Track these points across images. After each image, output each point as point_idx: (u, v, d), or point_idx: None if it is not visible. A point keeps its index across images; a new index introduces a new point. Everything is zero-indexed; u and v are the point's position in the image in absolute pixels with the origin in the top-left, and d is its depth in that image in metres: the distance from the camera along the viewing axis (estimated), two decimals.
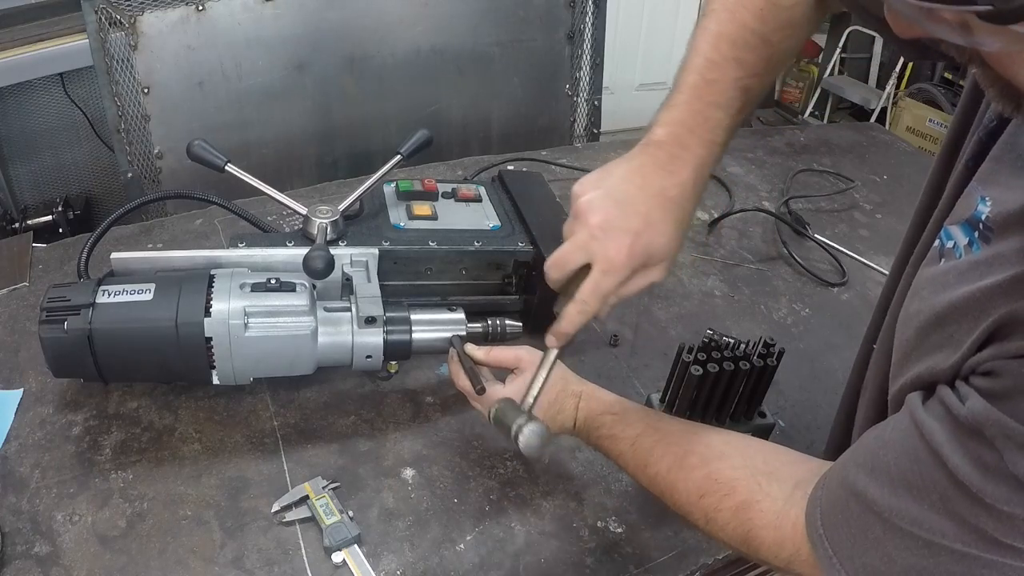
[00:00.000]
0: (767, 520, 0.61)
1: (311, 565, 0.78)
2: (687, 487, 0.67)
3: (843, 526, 0.54)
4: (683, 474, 0.68)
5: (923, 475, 0.48)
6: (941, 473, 0.47)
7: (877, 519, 0.51)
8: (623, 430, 0.76)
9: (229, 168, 1.01)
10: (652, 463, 0.71)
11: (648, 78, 3.93)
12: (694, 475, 0.67)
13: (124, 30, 1.52)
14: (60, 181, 2.02)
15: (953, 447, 0.46)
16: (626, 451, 0.75)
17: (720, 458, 0.67)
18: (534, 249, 1.06)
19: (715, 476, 0.66)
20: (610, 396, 0.83)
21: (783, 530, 0.59)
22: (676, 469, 0.69)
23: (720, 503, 0.64)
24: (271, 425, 0.94)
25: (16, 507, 0.81)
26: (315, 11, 1.68)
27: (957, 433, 0.47)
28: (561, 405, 0.82)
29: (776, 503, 0.61)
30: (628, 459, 0.75)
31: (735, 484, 0.64)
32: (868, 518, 0.52)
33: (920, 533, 0.48)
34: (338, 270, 0.95)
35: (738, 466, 0.65)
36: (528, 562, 0.81)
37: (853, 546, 0.53)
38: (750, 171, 1.65)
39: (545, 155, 1.61)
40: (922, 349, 0.54)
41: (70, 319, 0.82)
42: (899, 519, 0.49)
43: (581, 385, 0.84)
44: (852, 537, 0.53)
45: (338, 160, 1.85)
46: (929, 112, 3.71)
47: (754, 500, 0.62)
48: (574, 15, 1.92)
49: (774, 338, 0.91)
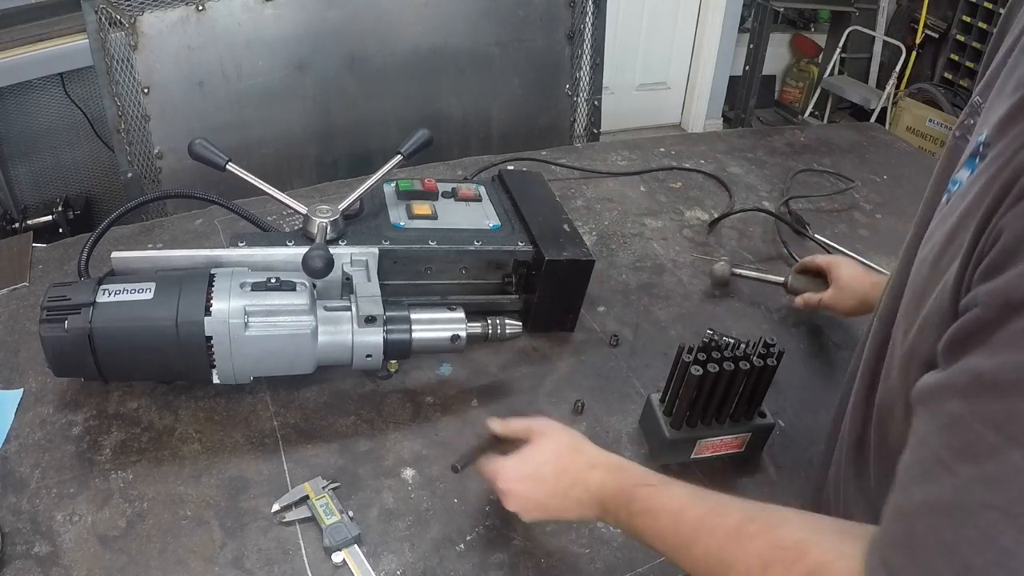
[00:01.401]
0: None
1: (311, 565, 0.78)
2: (747, 559, 0.57)
3: (898, 550, 0.47)
4: (741, 546, 0.58)
5: (966, 423, 0.43)
6: (975, 404, 0.42)
7: (924, 522, 0.44)
8: (664, 503, 0.65)
9: (230, 167, 1.02)
10: (701, 538, 0.60)
11: (648, 78, 3.94)
12: (755, 545, 0.57)
13: (124, 30, 1.53)
14: (60, 181, 2.03)
15: (978, 363, 0.43)
16: (667, 527, 0.64)
17: (783, 523, 0.58)
18: (534, 249, 1.06)
19: (780, 543, 0.56)
20: (640, 467, 0.72)
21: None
22: (732, 542, 0.58)
23: (788, 571, 0.54)
24: (271, 425, 0.94)
25: (16, 507, 0.81)
26: (315, 11, 1.69)
27: (983, 349, 0.43)
28: (575, 477, 0.72)
29: (853, 561, 0.51)
30: (669, 537, 0.63)
31: (805, 547, 0.54)
32: (935, 532, 0.44)
33: (992, 496, 0.41)
34: (338, 269, 0.95)
35: (805, 529, 0.56)
36: (528, 562, 0.81)
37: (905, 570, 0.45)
38: (750, 171, 1.65)
39: (545, 155, 1.61)
40: (934, 278, 0.51)
41: (70, 318, 0.82)
42: (967, 496, 0.43)
43: (601, 454, 0.74)
44: (905, 560, 0.46)
45: (338, 160, 1.85)
46: (929, 112, 3.71)
47: (828, 562, 0.53)
48: (574, 15, 1.92)
49: (774, 338, 0.91)
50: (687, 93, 4.06)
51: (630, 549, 0.83)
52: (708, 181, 1.60)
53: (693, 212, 1.48)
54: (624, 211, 1.46)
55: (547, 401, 1.02)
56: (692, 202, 1.51)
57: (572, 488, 0.73)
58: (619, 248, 1.34)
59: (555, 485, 0.74)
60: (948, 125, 3.52)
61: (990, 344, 0.43)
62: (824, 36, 4.08)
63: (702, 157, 1.69)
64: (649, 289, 1.24)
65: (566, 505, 0.73)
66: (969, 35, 3.68)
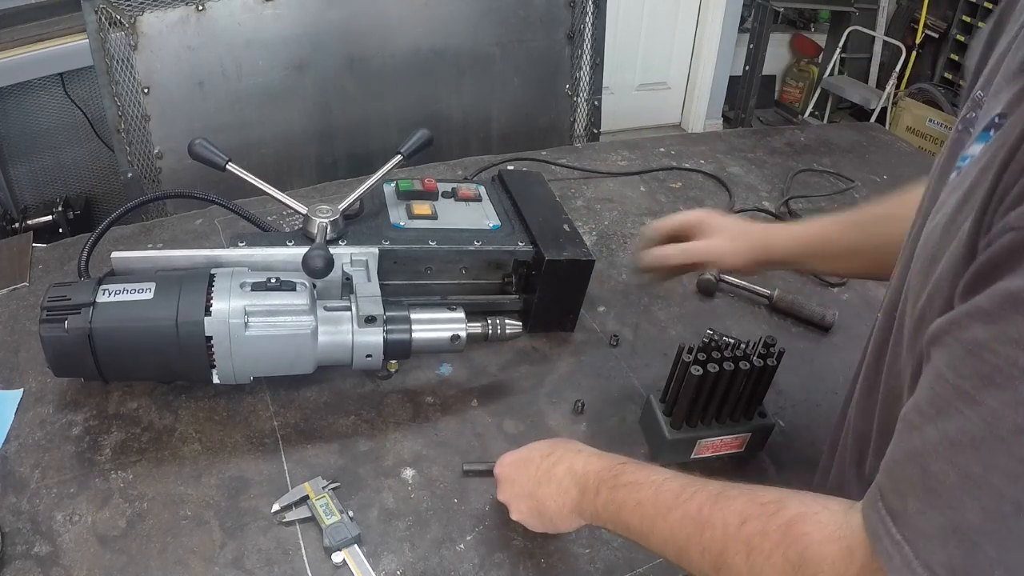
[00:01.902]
0: (828, 532, 0.49)
1: (311, 565, 0.78)
2: (724, 516, 0.55)
3: (909, 495, 0.44)
4: (719, 506, 0.57)
5: (990, 349, 0.40)
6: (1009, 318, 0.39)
7: (944, 459, 0.42)
8: (648, 475, 0.65)
9: (230, 167, 1.01)
10: (681, 503, 0.59)
11: (648, 78, 3.94)
12: (734, 504, 0.56)
13: (124, 30, 1.53)
14: (60, 181, 2.03)
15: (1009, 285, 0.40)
16: (648, 496, 0.63)
17: (762, 488, 0.57)
18: (534, 249, 1.06)
19: (759, 499, 0.55)
20: (611, 455, 0.73)
21: (851, 539, 0.48)
22: (711, 504, 0.57)
23: (767, 525, 0.52)
24: (271, 425, 0.94)
25: (16, 507, 0.81)
26: (315, 11, 1.69)
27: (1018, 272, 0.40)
28: (561, 456, 0.74)
29: (836, 514, 0.50)
30: (648, 506, 0.63)
31: (785, 502, 0.53)
32: (933, 468, 0.42)
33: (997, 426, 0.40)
34: (338, 269, 0.95)
35: (783, 490, 0.56)
36: (528, 562, 0.81)
37: (921, 515, 0.43)
38: (750, 171, 1.65)
39: (545, 155, 1.61)
40: (945, 241, 0.48)
41: (70, 318, 0.82)
42: (998, 423, 0.40)
43: (589, 448, 0.75)
44: (920, 503, 0.43)
45: (338, 160, 1.85)
46: (929, 112, 3.71)
47: (810, 512, 0.51)
48: (574, 15, 1.92)
49: (774, 338, 0.91)
50: (687, 93, 4.06)
51: (630, 549, 0.83)
52: (708, 181, 1.60)
53: None
54: (624, 211, 1.46)
55: (547, 401, 1.02)
56: (692, 202, 1.51)
57: (557, 465, 0.73)
58: (619, 248, 1.34)
59: (540, 464, 0.75)
60: (948, 125, 3.53)
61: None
62: (824, 36, 4.08)
63: (702, 157, 1.69)
64: (649, 289, 1.24)
65: (550, 492, 0.73)
66: (969, 35, 3.68)
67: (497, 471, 0.80)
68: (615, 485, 0.67)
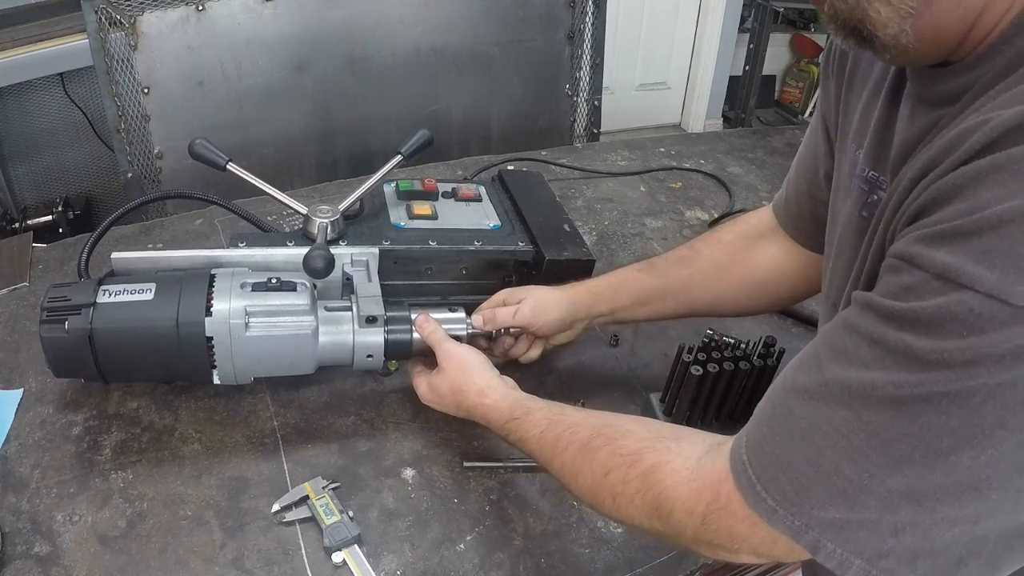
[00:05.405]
0: (680, 477, 0.57)
1: (311, 565, 0.78)
2: (592, 468, 0.64)
3: (768, 442, 0.51)
4: (587, 457, 0.65)
5: (849, 333, 0.49)
6: (867, 317, 0.48)
7: (802, 409, 0.50)
8: (528, 431, 0.74)
9: (230, 167, 1.01)
10: (558, 454, 0.69)
11: (648, 78, 3.94)
12: (599, 455, 0.64)
13: (124, 30, 1.52)
14: (60, 181, 2.03)
15: (879, 292, 0.48)
16: (534, 450, 0.73)
17: (626, 435, 0.64)
18: (534, 249, 1.06)
19: (619, 451, 0.63)
20: (509, 400, 0.80)
21: (699, 481, 0.56)
22: (580, 455, 0.66)
23: (627, 474, 0.61)
24: (271, 425, 0.94)
25: (16, 507, 0.81)
26: (315, 11, 1.69)
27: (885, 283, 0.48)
28: (467, 406, 0.84)
29: (689, 460, 0.58)
30: (537, 457, 0.73)
31: (641, 452, 0.61)
32: (792, 415, 0.50)
33: (849, 400, 0.47)
34: (338, 269, 0.95)
35: (644, 438, 0.63)
36: (528, 562, 0.81)
37: (778, 462, 0.50)
38: (750, 171, 1.65)
39: (545, 155, 1.61)
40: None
41: (71, 319, 0.82)
42: (825, 395, 0.48)
43: (478, 396, 0.82)
44: (778, 451, 0.50)
45: (338, 160, 1.85)
46: None
47: (663, 461, 0.59)
48: (574, 15, 1.92)
49: (774, 338, 0.91)
50: (687, 93, 4.06)
51: (630, 549, 0.83)
52: (708, 181, 1.60)
53: (693, 212, 1.48)
54: (624, 211, 1.46)
55: None
56: (692, 202, 1.51)
57: (464, 405, 0.84)
58: (619, 248, 1.34)
59: (453, 399, 0.85)
60: None
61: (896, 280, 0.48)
62: (824, 36, 4.07)
63: (702, 157, 1.69)
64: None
65: (459, 415, 0.86)
66: None
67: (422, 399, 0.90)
68: (509, 442, 0.78)
